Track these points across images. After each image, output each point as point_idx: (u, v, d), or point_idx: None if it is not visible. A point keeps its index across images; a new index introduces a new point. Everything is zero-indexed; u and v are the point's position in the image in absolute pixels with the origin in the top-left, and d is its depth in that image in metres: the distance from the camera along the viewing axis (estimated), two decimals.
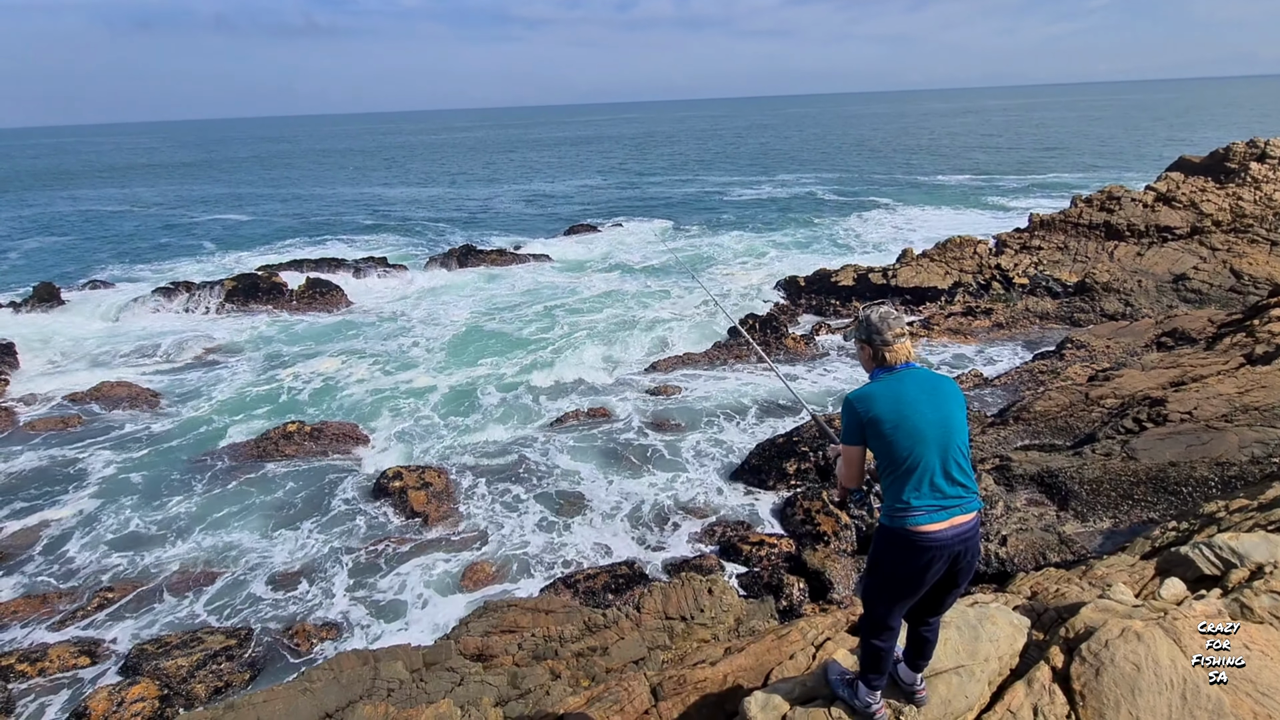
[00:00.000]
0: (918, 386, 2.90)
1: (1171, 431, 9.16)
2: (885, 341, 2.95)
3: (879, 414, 2.86)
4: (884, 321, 2.96)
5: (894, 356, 2.95)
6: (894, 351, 2.95)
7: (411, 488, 11.10)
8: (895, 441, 2.84)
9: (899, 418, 2.84)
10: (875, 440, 2.91)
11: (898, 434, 2.83)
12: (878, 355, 2.97)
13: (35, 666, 7.76)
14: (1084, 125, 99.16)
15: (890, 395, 2.88)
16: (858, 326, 3.06)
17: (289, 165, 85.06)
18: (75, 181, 71.14)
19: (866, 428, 2.91)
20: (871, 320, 2.99)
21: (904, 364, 2.97)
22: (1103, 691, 3.26)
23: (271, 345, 19.25)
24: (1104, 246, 21.16)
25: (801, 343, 17.25)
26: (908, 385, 2.90)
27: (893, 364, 2.95)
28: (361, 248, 33.28)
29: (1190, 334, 14.23)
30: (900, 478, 2.85)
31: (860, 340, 3.04)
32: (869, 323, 3.00)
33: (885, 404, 2.87)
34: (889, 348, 2.95)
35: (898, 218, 36.83)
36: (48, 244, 36.09)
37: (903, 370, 2.96)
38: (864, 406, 2.90)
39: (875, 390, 2.92)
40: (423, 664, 6.16)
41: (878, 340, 2.96)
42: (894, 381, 2.92)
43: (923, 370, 3.00)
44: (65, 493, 11.80)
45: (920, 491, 2.82)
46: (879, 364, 2.99)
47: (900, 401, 2.86)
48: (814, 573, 8.62)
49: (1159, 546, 6.17)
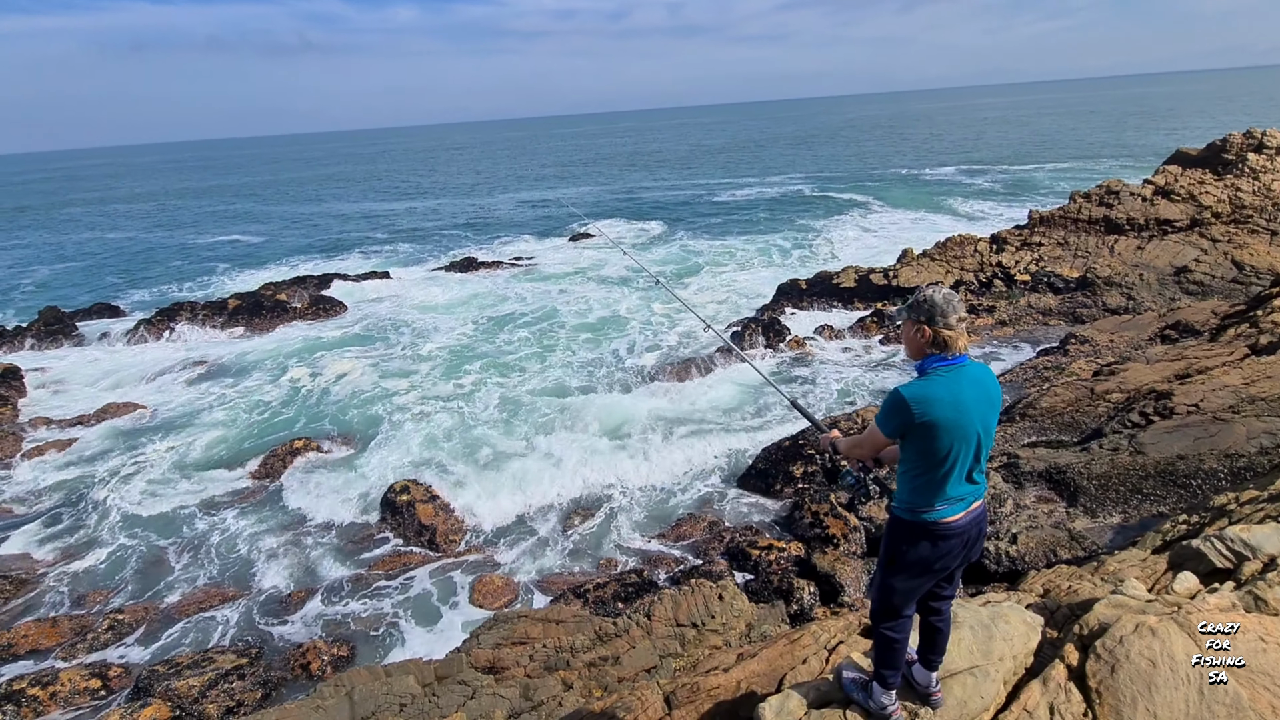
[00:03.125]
0: (974, 389, 2.68)
1: (1179, 424, 9.12)
2: (948, 325, 2.66)
3: (936, 419, 2.63)
4: (949, 303, 2.66)
5: (953, 343, 2.67)
6: (953, 338, 2.67)
7: (419, 501, 11.10)
8: (940, 448, 2.67)
9: (954, 426, 2.63)
10: (918, 441, 2.70)
11: (946, 440, 2.66)
12: (937, 340, 2.68)
13: (47, 690, 7.75)
14: (1076, 120, 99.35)
15: (950, 399, 2.63)
16: (915, 305, 2.73)
17: (289, 183, 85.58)
18: (80, 208, 71.64)
19: (915, 429, 2.67)
20: (935, 300, 2.68)
21: (960, 355, 2.70)
22: (1119, 688, 3.24)
23: (276, 362, 19.31)
24: (1104, 241, 21.15)
25: (805, 344, 17.25)
26: (966, 387, 2.66)
27: (949, 353, 2.68)
28: (362, 262, 33.46)
29: (1194, 326, 14.19)
30: (930, 478, 2.75)
31: (916, 320, 2.72)
32: (931, 302, 2.68)
33: (945, 409, 2.63)
34: (950, 331, 2.66)
35: (891, 217, 37.00)
36: (58, 270, 36.35)
37: (959, 366, 2.69)
38: (920, 409, 2.64)
39: (935, 392, 2.65)
40: (434, 678, 6.14)
41: (940, 323, 2.66)
42: (952, 381, 2.66)
43: (977, 367, 2.75)
44: (73, 516, 11.83)
45: (945, 490, 2.77)
46: (935, 349, 2.70)
47: (959, 408, 2.63)
48: (824, 576, 8.58)
49: (1170, 540, 6.14)
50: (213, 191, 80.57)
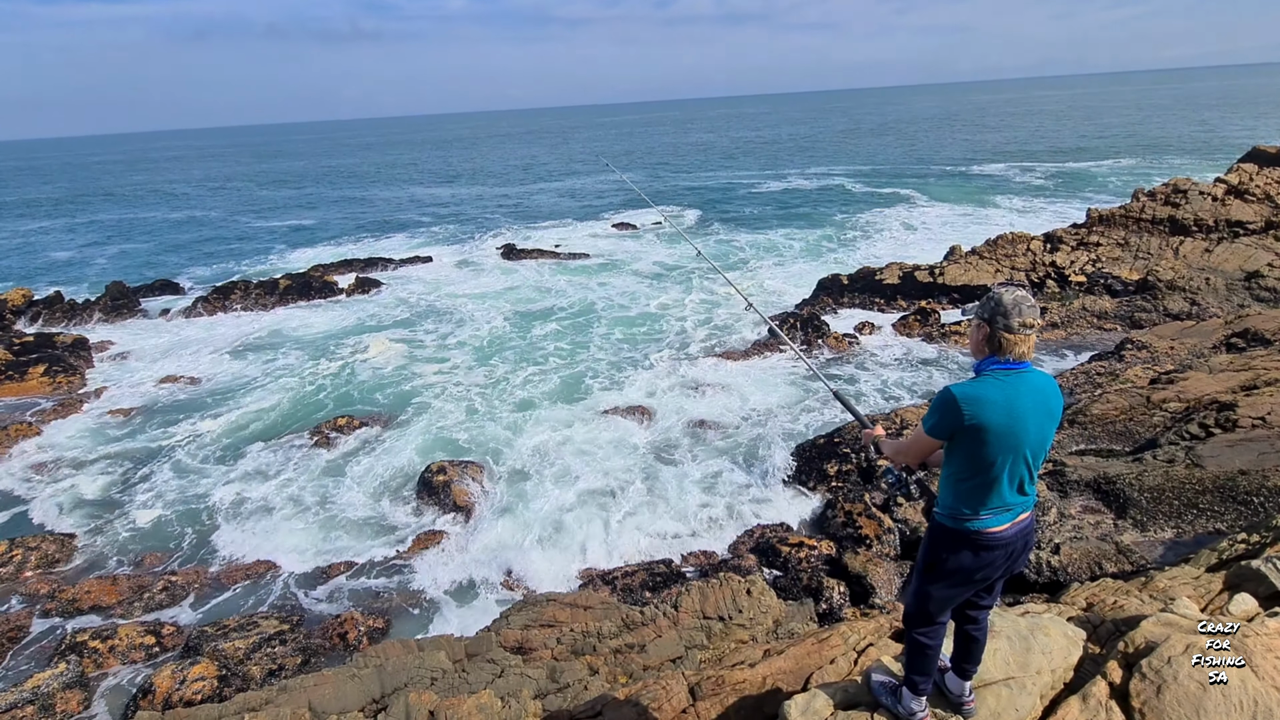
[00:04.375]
0: (1032, 397, 2.58)
1: (1242, 438, 8.65)
2: (1008, 327, 2.56)
3: (986, 422, 2.54)
4: (1017, 306, 2.56)
5: (1011, 348, 2.58)
6: (1013, 342, 2.57)
7: (455, 482, 11.35)
8: (989, 454, 2.59)
9: (1006, 432, 2.55)
10: (967, 444, 2.62)
11: (996, 446, 2.57)
12: (994, 340, 2.60)
13: (106, 644, 8.23)
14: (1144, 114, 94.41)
15: (1004, 403, 2.54)
16: (983, 304, 2.67)
17: (340, 168, 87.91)
18: (148, 189, 75.06)
19: (964, 432, 2.59)
20: (1002, 300, 2.58)
21: (1021, 361, 2.61)
22: (1164, 710, 3.11)
23: (323, 340, 19.94)
24: (1168, 242, 20.11)
25: (844, 342, 16.94)
26: (1023, 394, 2.57)
27: (1007, 356, 2.59)
28: (408, 245, 34.21)
29: (1264, 335, 13.40)
30: (976, 485, 2.67)
31: (980, 319, 2.65)
32: (998, 302, 2.59)
33: (996, 413, 2.54)
34: (1011, 335, 2.56)
35: (938, 212, 35.89)
36: (126, 248, 38.31)
37: (1019, 371, 2.60)
38: (971, 410, 2.55)
39: (988, 393, 2.56)
40: (464, 655, 6.30)
41: (1000, 324, 2.57)
42: (1009, 386, 2.57)
43: (1039, 375, 2.66)
44: (134, 482, 12.49)
45: (991, 499, 2.69)
46: (993, 351, 2.62)
47: (1012, 414, 2.54)
48: (855, 576, 8.46)
49: (1227, 559, 5.85)
50: (268, 175, 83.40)
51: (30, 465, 13.12)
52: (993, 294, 2.67)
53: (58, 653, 8.16)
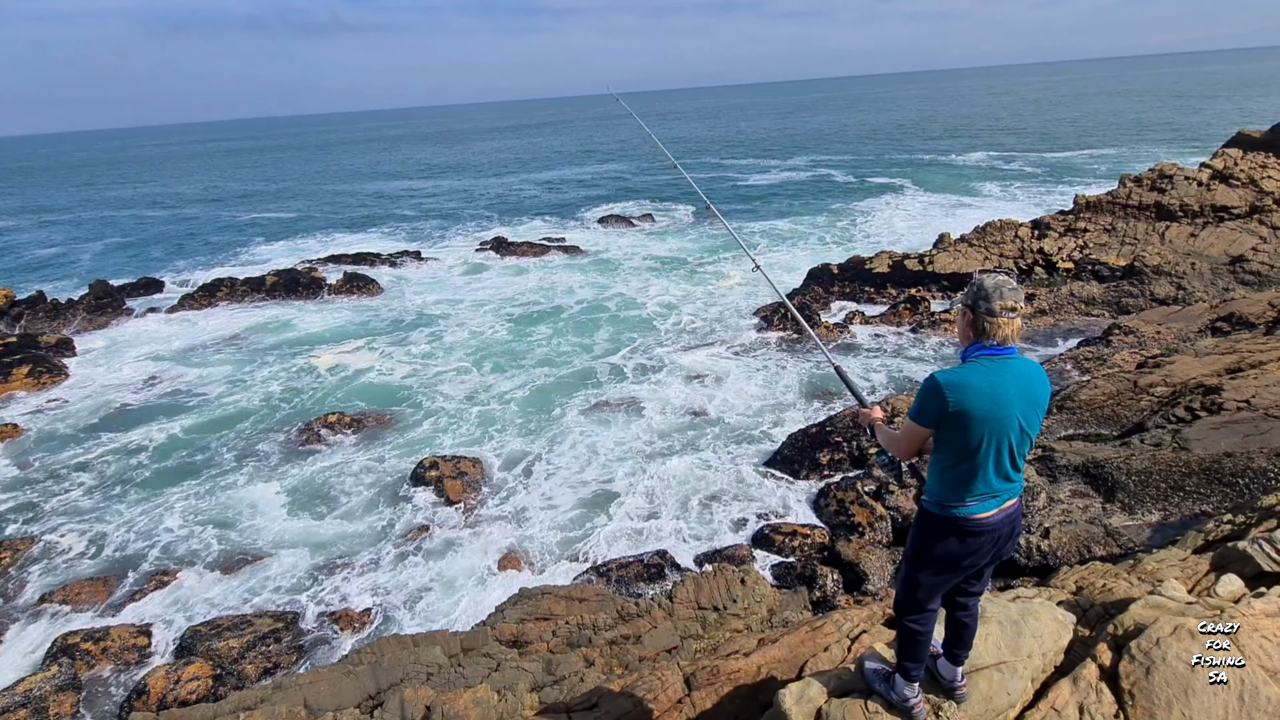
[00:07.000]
0: (1016, 383, 2.60)
1: (1227, 420, 8.76)
2: (990, 311, 2.59)
3: (969, 408, 2.57)
4: (998, 289, 2.59)
5: (994, 331, 2.60)
6: (996, 326, 2.60)
7: (447, 477, 11.32)
8: (973, 439, 2.61)
9: (989, 417, 2.57)
10: (952, 431, 2.64)
11: (980, 431, 2.59)
12: (978, 325, 2.63)
13: (98, 645, 8.18)
14: (1130, 101, 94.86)
15: (986, 389, 2.57)
16: (966, 290, 2.71)
17: (323, 161, 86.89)
18: (129, 185, 73.92)
19: (949, 418, 2.62)
20: (984, 285, 2.63)
21: (1005, 346, 2.63)
22: (1154, 691, 3.15)
23: (311, 337, 19.78)
24: (1154, 228, 20.26)
25: (835, 330, 16.99)
26: (1006, 379, 2.59)
27: (990, 340, 2.62)
28: (396, 240, 33.92)
29: (1249, 318, 13.55)
30: (962, 472, 2.69)
31: (964, 305, 2.69)
32: (980, 287, 2.64)
33: (979, 399, 2.56)
34: (992, 319, 2.59)
35: (927, 201, 35.98)
36: (109, 244, 37.76)
37: (1002, 356, 2.63)
38: (954, 396, 2.58)
39: (971, 379, 2.59)
40: (460, 649, 6.30)
41: (983, 308, 2.60)
42: (992, 372, 2.60)
43: (1023, 362, 2.67)
44: (118, 481, 12.36)
45: (976, 485, 2.70)
46: (977, 335, 2.65)
47: (995, 400, 2.56)
48: (848, 564, 8.52)
49: (1213, 541, 5.93)
50: (249, 169, 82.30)
51: (16, 465, 12.97)
52: (975, 280, 2.71)
53: (49, 655, 8.10)
